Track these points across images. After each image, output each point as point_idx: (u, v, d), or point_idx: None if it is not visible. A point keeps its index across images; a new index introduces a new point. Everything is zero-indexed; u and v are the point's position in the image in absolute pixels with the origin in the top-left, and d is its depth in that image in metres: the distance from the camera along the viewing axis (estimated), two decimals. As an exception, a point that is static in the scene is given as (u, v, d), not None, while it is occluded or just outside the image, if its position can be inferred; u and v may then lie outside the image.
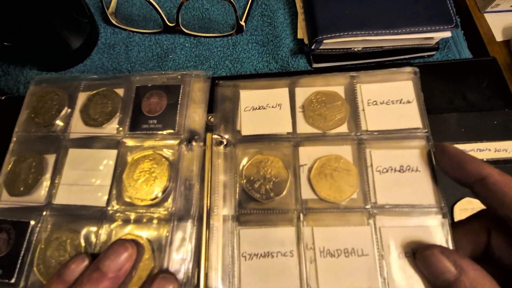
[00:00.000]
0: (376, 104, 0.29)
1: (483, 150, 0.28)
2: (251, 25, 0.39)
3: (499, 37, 0.36)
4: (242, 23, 0.37)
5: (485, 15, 0.37)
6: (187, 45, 0.38)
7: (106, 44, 0.39)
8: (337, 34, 0.31)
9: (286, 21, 0.38)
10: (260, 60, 0.37)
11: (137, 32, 0.39)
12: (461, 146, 0.28)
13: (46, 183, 0.29)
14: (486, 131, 0.29)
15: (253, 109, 0.30)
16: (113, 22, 0.39)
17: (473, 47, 0.36)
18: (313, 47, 0.33)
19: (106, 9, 0.39)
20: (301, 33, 0.36)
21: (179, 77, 0.31)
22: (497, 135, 0.28)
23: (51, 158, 0.30)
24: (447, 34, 0.31)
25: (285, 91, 0.30)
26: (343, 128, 0.28)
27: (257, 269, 0.25)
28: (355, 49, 0.33)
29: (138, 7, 0.41)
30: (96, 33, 0.39)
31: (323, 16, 0.32)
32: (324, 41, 0.32)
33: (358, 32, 0.31)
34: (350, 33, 0.31)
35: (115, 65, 0.37)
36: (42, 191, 0.29)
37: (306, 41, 0.35)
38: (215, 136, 0.29)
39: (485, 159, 0.28)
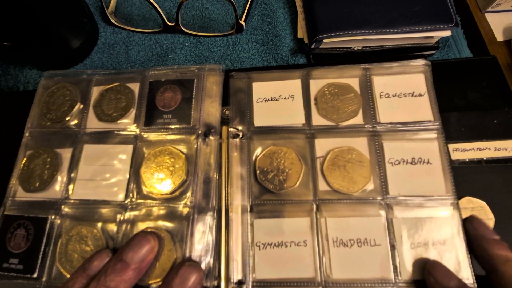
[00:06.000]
0: (388, 96, 0.29)
1: (483, 149, 0.28)
2: (251, 25, 0.39)
3: (500, 37, 0.36)
4: (242, 22, 0.37)
5: (486, 15, 0.37)
6: (187, 44, 0.38)
7: (105, 43, 0.39)
8: (337, 34, 0.31)
9: (286, 20, 0.38)
10: (260, 60, 0.37)
11: (137, 31, 0.39)
12: (461, 145, 0.28)
13: (61, 178, 0.29)
14: (486, 130, 0.29)
15: (265, 100, 0.30)
16: (113, 21, 0.39)
17: (474, 47, 0.36)
18: (313, 46, 0.33)
19: (105, 9, 0.39)
20: (301, 33, 0.36)
21: (194, 71, 0.31)
22: (497, 134, 0.28)
23: (66, 154, 0.30)
24: (447, 33, 0.31)
25: (297, 83, 0.30)
26: (356, 120, 0.28)
27: (271, 258, 0.25)
28: (355, 48, 0.33)
29: (137, 6, 0.41)
30: (96, 32, 0.39)
31: (323, 15, 0.32)
32: (324, 41, 0.32)
33: (358, 31, 0.31)
34: (350, 32, 0.31)
35: (115, 64, 0.37)
36: (58, 187, 0.29)
37: (306, 41, 0.35)
38: (230, 129, 0.29)
39: (485, 158, 0.28)
